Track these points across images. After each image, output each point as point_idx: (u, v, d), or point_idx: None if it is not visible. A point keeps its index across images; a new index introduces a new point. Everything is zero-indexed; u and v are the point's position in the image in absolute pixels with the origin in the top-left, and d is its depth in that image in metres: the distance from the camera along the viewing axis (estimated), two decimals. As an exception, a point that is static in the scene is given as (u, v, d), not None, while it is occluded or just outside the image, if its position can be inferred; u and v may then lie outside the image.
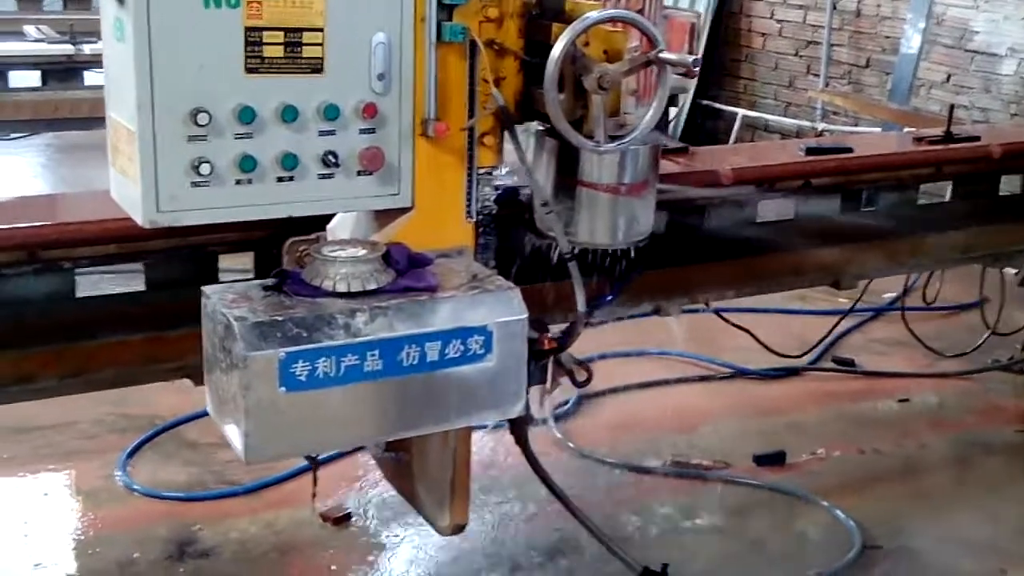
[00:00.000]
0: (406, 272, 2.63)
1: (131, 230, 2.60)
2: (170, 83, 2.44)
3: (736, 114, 9.96)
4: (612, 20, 2.59)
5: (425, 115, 2.69)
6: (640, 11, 2.81)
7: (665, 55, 2.55)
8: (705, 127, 10.19)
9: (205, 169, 2.49)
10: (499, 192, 3.02)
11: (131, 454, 4.50)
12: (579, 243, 3.02)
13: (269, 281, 2.59)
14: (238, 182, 2.56)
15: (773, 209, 4.14)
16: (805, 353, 5.40)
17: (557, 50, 2.53)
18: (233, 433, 2.49)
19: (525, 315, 2.63)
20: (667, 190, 3.49)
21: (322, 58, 2.57)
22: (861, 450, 4.84)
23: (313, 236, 2.84)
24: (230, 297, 2.53)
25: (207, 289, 2.58)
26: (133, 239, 2.77)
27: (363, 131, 2.65)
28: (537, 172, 3.02)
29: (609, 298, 3.31)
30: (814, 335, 5.70)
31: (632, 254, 3.11)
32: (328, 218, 2.90)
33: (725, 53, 10.28)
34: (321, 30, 2.56)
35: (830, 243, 4.17)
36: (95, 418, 4.70)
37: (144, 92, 2.43)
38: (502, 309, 2.63)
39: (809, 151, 4.13)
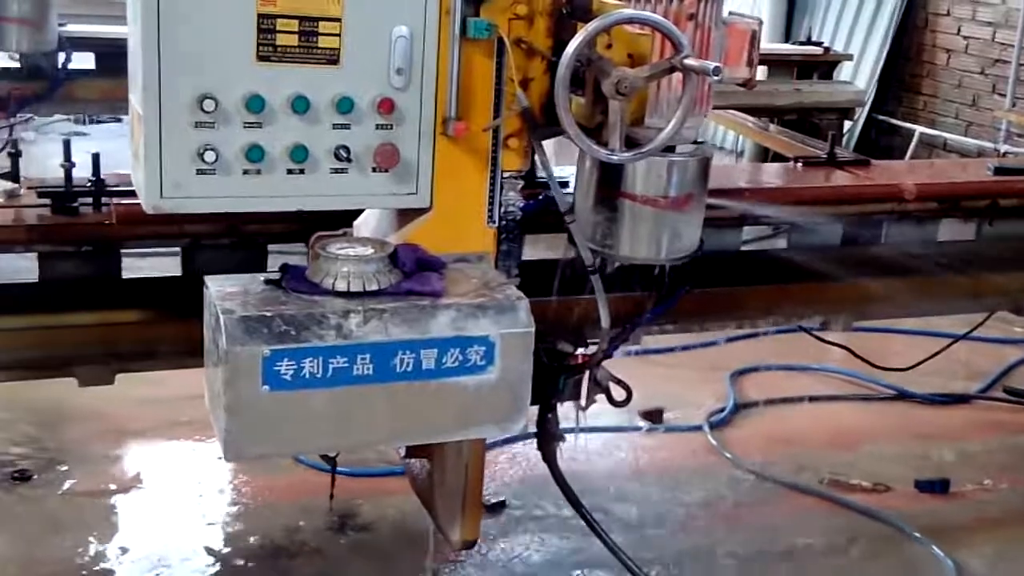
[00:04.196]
0: (413, 275, 2.54)
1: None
2: (177, 67, 2.39)
3: (913, 131, 9.55)
4: (631, 21, 2.43)
5: (446, 114, 2.58)
6: (693, 16, 2.63)
7: (689, 62, 2.37)
8: (879, 143, 9.79)
9: (210, 156, 2.44)
10: (541, 199, 2.89)
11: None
12: (619, 258, 2.87)
13: (273, 275, 2.53)
14: (246, 172, 2.50)
15: (954, 229, 4.06)
16: (902, 368, 5.07)
17: (570, 50, 2.38)
18: (217, 429, 2.44)
19: (532, 328, 2.50)
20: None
21: (338, 49, 2.49)
22: None
23: (340, 232, 2.77)
24: (228, 289, 2.48)
25: (210, 279, 2.54)
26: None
27: (379, 127, 2.56)
28: (580, 180, 2.89)
29: (649, 317, 3.14)
30: (981, 362, 5.58)
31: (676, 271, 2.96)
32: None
33: (906, 68, 9.88)
34: (339, 20, 2.48)
35: (1012, 267, 4.01)
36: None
37: (151, 74, 2.39)
38: (508, 320, 2.50)
39: (998, 171, 3.99)
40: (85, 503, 3.98)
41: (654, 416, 4.87)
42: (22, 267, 3.16)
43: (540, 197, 2.88)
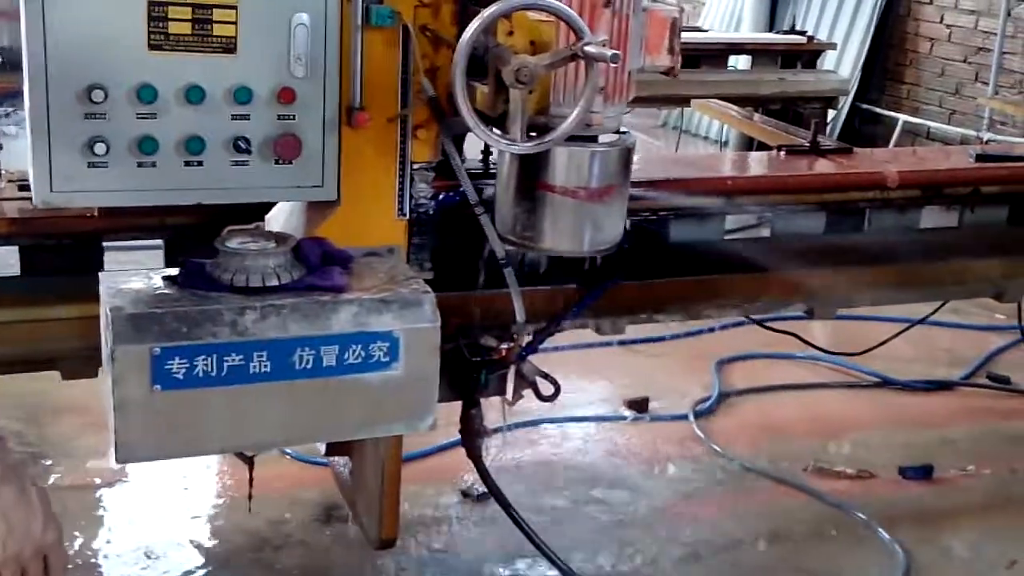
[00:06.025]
0: (317, 269, 2.46)
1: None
2: (64, 55, 2.32)
3: (897, 119, 9.48)
4: (528, 8, 2.35)
5: (351, 103, 2.51)
6: (609, 2, 2.53)
7: (588, 49, 2.29)
8: (862, 132, 9.70)
9: (100, 149, 2.37)
10: (462, 191, 2.80)
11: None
12: (540, 250, 2.79)
13: (172, 272, 2.45)
14: (140, 164, 2.42)
15: (936, 215, 4.05)
16: (864, 350, 4.97)
17: (465, 37, 2.30)
18: (109, 430, 2.37)
19: (437, 323, 2.43)
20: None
21: (234, 37, 2.42)
22: (1013, 469, 4.59)
23: (252, 226, 2.69)
24: (121, 286, 2.40)
25: (104, 275, 2.47)
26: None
27: (280, 117, 2.48)
28: (500, 172, 2.80)
29: (576, 311, 3.05)
30: (965, 349, 5.58)
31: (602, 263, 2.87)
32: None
33: (889, 57, 9.81)
34: (234, 8, 2.40)
35: (994, 254, 4.00)
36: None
37: (37, 63, 2.31)
38: (412, 315, 2.42)
39: (979, 158, 3.97)
40: (70, 497, 3.89)
41: (639, 405, 4.84)
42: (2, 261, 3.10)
43: (461, 189, 2.80)
